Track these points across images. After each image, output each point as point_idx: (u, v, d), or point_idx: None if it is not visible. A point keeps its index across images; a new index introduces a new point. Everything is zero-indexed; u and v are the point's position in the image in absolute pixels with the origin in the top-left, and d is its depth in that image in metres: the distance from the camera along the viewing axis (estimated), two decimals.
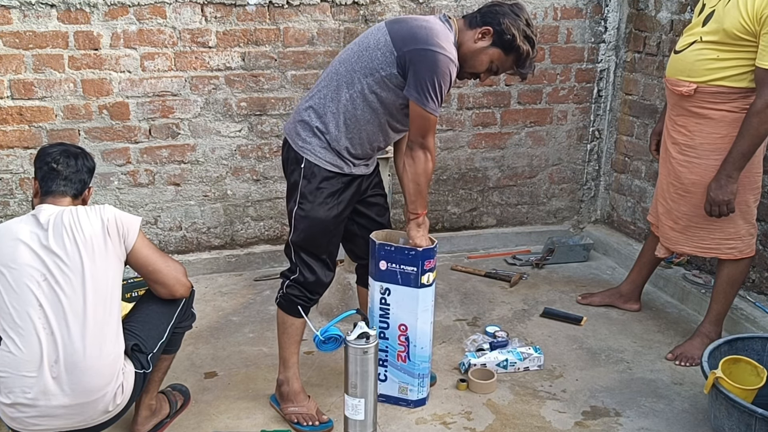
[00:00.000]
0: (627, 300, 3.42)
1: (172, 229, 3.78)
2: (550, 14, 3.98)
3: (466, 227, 4.27)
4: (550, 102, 4.15)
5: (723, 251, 2.89)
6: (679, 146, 2.86)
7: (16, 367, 2.00)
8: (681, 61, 2.77)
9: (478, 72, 2.39)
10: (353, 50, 2.37)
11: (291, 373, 2.58)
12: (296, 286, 2.49)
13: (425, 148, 2.34)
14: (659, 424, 2.58)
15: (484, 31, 2.31)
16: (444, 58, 2.22)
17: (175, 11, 3.46)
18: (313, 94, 2.42)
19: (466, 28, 2.35)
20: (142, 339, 2.21)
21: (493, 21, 2.30)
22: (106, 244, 2.10)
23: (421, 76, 2.22)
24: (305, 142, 2.39)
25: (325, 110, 2.37)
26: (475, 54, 2.34)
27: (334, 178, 2.40)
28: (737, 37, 2.57)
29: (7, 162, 3.44)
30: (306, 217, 2.41)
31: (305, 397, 2.58)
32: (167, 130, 3.63)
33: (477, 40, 2.32)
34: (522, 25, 2.31)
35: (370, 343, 2.27)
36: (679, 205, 2.92)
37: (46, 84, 3.38)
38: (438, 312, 3.40)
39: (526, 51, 2.33)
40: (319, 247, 2.47)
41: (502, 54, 2.34)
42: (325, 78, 2.41)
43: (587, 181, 4.37)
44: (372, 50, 2.31)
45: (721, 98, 2.69)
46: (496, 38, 2.31)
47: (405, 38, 2.26)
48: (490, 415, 2.62)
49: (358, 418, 2.32)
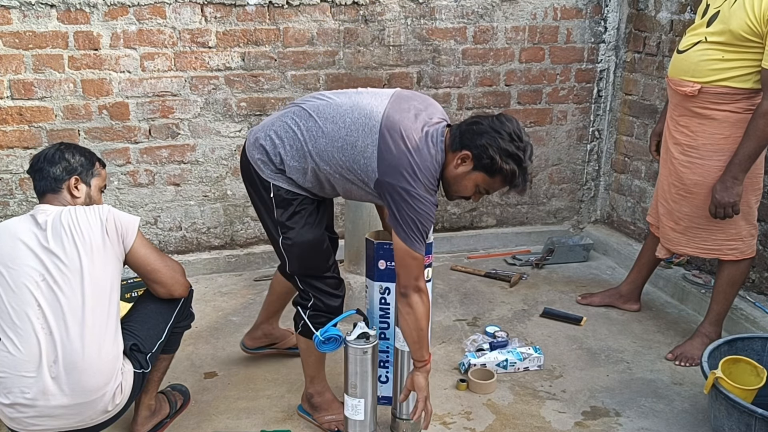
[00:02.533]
0: (627, 300, 3.42)
1: (172, 230, 3.78)
2: (550, 14, 3.98)
3: (466, 227, 4.27)
4: (549, 102, 4.14)
5: (724, 252, 2.88)
6: (681, 147, 2.85)
7: (14, 368, 2.00)
8: (684, 61, 2.76)
9: (465, 196, 2.23)
10: (340, 134, 2.15)
11: (322, 385, 2.54)
12: (320, 314, 2.39)
13: (420, 290, 2.19)
14: (659, 424, 2.58)
15: (463, 156, 2.10)
16: (423, 201, 2.08)
17: (174, 11, 3.46)
18: (281, 135, 2.22)
19: (449, 149, 2.14)
20: (140, 339, 2.21)
21: (471, 144, 2.09)
22: (105, 244, 2.10)
23: (404, 215, 2.08)
24: (269, 170, 2.24)
25: (291, 162, 2.21)
26: (458, 179, 2.16)
27: (305, 198, 2.28)
28: (743, 38, 2.56)
29: (7, 162, 3.44)
30: (294, 245, 2.30)
31: (339, 405, 2.51)
32: (167, 131, 3.63)
33: (457, 165, 2.13)
34: (504, 142, 2.08)
35: (370, 343, 2.27)
36: (680, 205, 2.91)
37: (45, 84, 3.38)
38: (438, 312, 3.40)
39: (511, 171, 2.09)
40: (319, 268, 2.37)
41: (486, 177, 2.13)
42: (296, 127, 2.20)
43: (587, 181, 4.36)
44: (358, 153, 2.12)
45: (725, 99, 2.67)
46: (476, 162, 2.10)
47: (389, 164, 2.08)
48: (490, 416, 2.62)
49: (358, 418, 2.32)
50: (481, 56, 3.95)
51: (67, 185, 2.18)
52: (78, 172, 2.21)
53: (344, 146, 2.15)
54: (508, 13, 3.92)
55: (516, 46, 3.98)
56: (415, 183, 2.08)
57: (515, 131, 2.11)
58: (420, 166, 2.09)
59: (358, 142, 2.13)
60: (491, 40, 3.93)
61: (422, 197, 2.09)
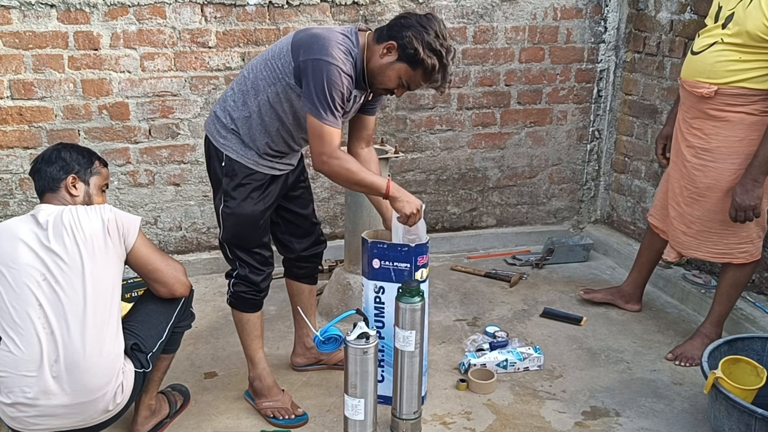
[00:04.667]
0: (628, 300, 3.42)
1: (172, 229, 3.78)
2: (550, 14, 3.98)
3: (466, 227, 4.27)
4: (549, 102, 4.15)
5: (736, 256, 2.86)
6: (694, 149, 2.82)
7: (16, 367, 2.00)
8: (700, 62, 2.73)
9: (389, 88, 2.31)
10: (261, 57, 2.36)
11: (260, 369, 2.61)
12: (241, 283, 2.51)
13: (334, 157, 2.25)
14: (659, 424, 2.58)
15: (388, 45, 2.23)
16: (335, 68, 2.17)
17: (174, 11, 3.46)
18: (228, 96, 2.41)
19: (374, 43, 2.27)
20: (141, 338, 2.21)
21: (398, 35, 2.21)
22: (106, 243, 2.10)
23: (312, 86, 2.18)
24: (225, 138, 2.38)
25: (237, 115, 2.36)
26: (382, 70, 2.26)
27: (256, 173, 2.40)
28: (760, 38, 2.54)
29: (7, 162, 3.44)
30: (232, 214, 2.42)
31: (279, 391, 2.61)
32: (167, 130, 3.63)
33: (383, 55, 2.24)
34: (429, 37, 2.19)
35: (370, 343, 2.27)
36: (692, 209, 2.88)
37: (45, 84, 3.38)
38: (438, 312, 3.40)
39: (432, 65, 2.21)
40: (250, 241, 2.47)
41: (409, 69, 2.24)
42: (236, 82, 2.40)
43: (587, 181, 4.37)
44: (275, 59, 2.29)
45: (741, 100, 2.65)
46: (400, 53, 2.22)
47: (302, 47, 2.22)
48: (490, 416, 2.62)
49: (358, 418, 2.32)
50: (481, 56, 3.95)
51: (65, 184, 2.19)
52: (75, 171, 2.21)
53: (266, 59, 2.33)
54: (508, 13, 3.92)
55: (516, 46, 3.99)
56: (324, 51, 2.18)
57: (440, 31, 2.22)
58: (329, 39, 2.21)
59: (275, 50, 2.32)
60: (491, 40, 3.93)
61: (331, 61, 2.17)
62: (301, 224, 2.69)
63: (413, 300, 2.35)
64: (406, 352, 2.40)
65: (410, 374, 2.43)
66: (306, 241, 2.72)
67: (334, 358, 2.85)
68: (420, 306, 2.37)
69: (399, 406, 2.47)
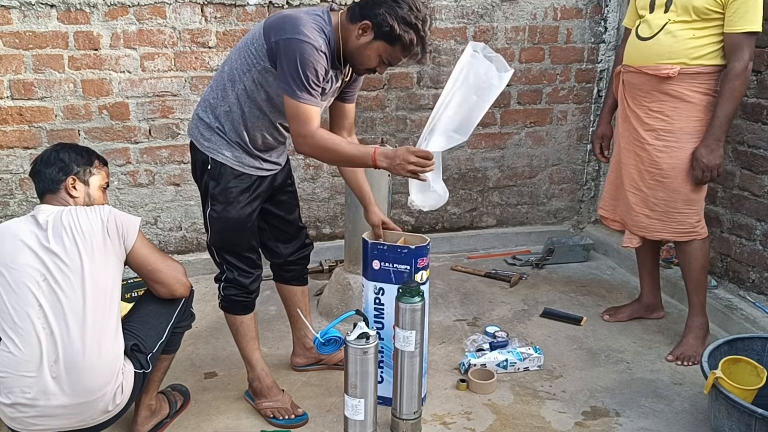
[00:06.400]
0: (653, 310, 3.37)
1: (172, 229, 3.79)
2: (550, 14, 3.99)
3: (466, 227, 4.27)
4: (549, 102, 4.15)
5: (699, 232, 2.95)
6: (656, 132, 2.89)
7: (15, 367, 2.00)
8: (656, 45, 2.80)
9: (370, 67, 2.28)
10: (235, 48, 2.34)
11: (258, 370, 2.61)
12: (231, 286, 2.50)
13: (313, 136, 2.19)
14: (659, 425, 2.58)
15: (363, 26, 2.18)
16: (308, 46, 2.12)
17: (174, 11, 3.46)
18: (207, 94, 2.39)
19: (348, 22, 2.22)
20: (141, 339, 2.21)
21: (371, 13, 2.16)
22: (106, 244, 2.10)
23: (286, 66, 2.14)
24: (209, 141, 2.36)
25: (219, 110, 2.34)
26: (361, 50, 2.22)
27: (242, 175, 2.38)
28: (708, 11, 2.66)
29: (7, 162, 3.44)
30: (219, 219, 2.40)
31: (278, 391, 2.61)
32: (167, 131, 3.63)
33: (359, 36, 2.20)
34: (402, 11, 2.14)
35: (370, 344, 2.27)
36: (655, 191, 2.94)
37: (46, 84, 3.38)
38: (438, 312, 3.40)
39: (410, 39, 2.17)
40: (238, 245, 2.46)
41: (387, 46, 2.20)
42: (214, 79, 2.39)
43: (587, 181, 4.37)
44: (249, 45, 2.27)
45: (700, 79, 2.77)
46: (376, 31, 2.17)
47: (273, 29, 2.19)
48: (490, 416, 2.62)
49: (358, 418, 2.32)
50: None
51: (65, 185, 2.19)
52: (75, 172, 2.21)
53: (239, 48, 2.31)
54: (508, 13, 3.92)
55: (516, 46, 3.99)
56: (297, 29, 2.14)
57: (413, 4, 2.17)
58: (300, 18, 2.17)
59: (248, 38, 2.30)
60: (491, 40, 3.93)
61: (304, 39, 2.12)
62: (287, 229, 2.68)
63: (413, 300, 2.35)
64: (406, 353, 2.40)
65: (410, 374, 2.43)
66: (292, 246, 2.71)
67: (334, 358, 2.84)
68: (420, 306, 2.36)
69: (399, 406, 2.47)
